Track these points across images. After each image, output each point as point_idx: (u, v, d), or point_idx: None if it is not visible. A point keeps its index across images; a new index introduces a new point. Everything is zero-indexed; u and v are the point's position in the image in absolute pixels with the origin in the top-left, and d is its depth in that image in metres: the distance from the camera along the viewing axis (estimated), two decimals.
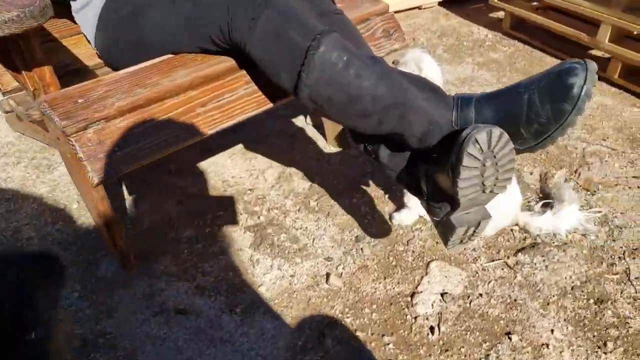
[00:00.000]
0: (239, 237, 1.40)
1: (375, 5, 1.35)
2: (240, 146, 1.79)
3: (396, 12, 2.61)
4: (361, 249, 1.33)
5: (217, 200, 1.54)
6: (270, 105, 1.15)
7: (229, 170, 1.67)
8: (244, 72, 1.13)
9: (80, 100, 0.98)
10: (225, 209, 1.51)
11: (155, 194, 1.60)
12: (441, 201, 0.91)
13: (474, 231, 0.95)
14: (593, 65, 0.84)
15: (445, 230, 0.96)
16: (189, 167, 1.71)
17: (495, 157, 0.79)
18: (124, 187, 1.65)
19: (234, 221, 1.46)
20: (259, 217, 1.46)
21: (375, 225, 1.40)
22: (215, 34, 1.03)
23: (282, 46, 0.94)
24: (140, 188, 1.63)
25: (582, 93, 0.82)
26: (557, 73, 0.85)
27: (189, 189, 1.60)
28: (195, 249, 1.38)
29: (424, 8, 2.69)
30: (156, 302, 1.23)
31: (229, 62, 1.11)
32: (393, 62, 1.30)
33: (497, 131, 0.78)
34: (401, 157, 1.00)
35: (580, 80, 0.82)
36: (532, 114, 0.86)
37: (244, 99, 1.12)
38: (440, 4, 2.73)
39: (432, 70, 1.26)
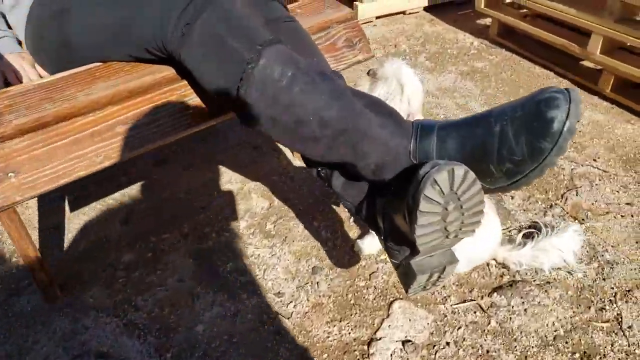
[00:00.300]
0: (182, 265, 1.24)
1: (337, 12, 1.20)
2: (199, 157, 1.63)
3: (379, 17, 2.47)
4: (317, 282, 1.17)
5: (165, 219, 1.38)
6: (210, 123, 0.99)
7: (184, 185, 1.51)
8: (180, 84, 0.97)
9: None
10: (172, 230, 1.34)
11: (99, 211, 1.44)
12: (400, 244, 0.76)
13: (439, 277, 0.80)
14: (577, 96, 0.69)
15: (405, 275, 0.80)
16: (139, 179, 1.55)
17: (459, 199, 0.64)
18: (65, 201, 1.49)
19: (179, 245, 1.30)
20: (207, 241, 1.30)
21: (336, 255, 1.24)
22: (147, 41, 0.87)
23: (219, 57, 0.79)
24: (83, 202, 1.47)
25: (564, 129, 0.67)
26: (535, 103, 0.69)
27: (136, 206, 1.44)
28: (132, 277, 1.21)
29: (409, 13, 2.54)
30: (77, 342, 1.07)
31: (162, 73, 0.95)
32: (369, 73, 1.15)
33: (460, 170, 0.63)
34: (358, 188, 0.85)
35: (561, 114, 0.66)
36: (504, 150, 0.70)
37: (177, 116, 0.96)
38: (426, 9, 2.59)
39: (413, 86, 1.11)
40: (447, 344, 1.00)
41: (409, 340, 1.01)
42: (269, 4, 0.97)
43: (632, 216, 1.29)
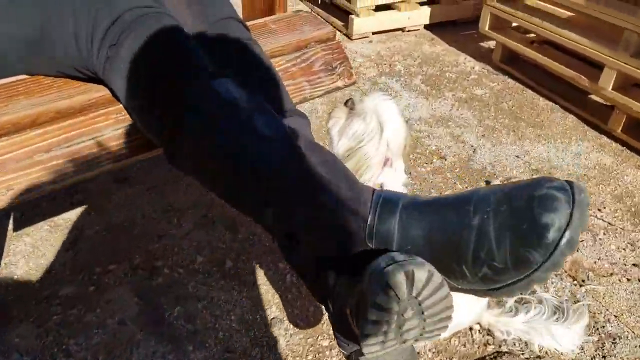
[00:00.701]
0: (126, 304, 1.09)
1: (316, 30, 1.05)
2: (165, 177, 1.49)
3: (376, 33, 2.33)
4: (275, 338, 1.02)
5: (116, 246, 1.24)
6: (149, 153, 0.84)
7: (144, 207, 1.36)
8: (118, 107, 0.83)
9: None
10: (121, 260, 1.20)
11: (46, 232, 1.29)
12: (348, 338, 0.61)
13: None
14: (584, 198, 0.51)
15: None
16: (96, 197, 1.40)
17: (420, 304, 0.48)
18: (10, 219, 1.34)
19: (125, 280, 1.15)
20: (157, 278, 1.15)
21: (300, 305, 1.09)
22: (67, 58, 0.73)
23: (149, 85, 0.66)
24: (29, 222, 1.33)
25: (562, 242, 0.49)
26: (527, 199, 0.52)
27: (87, 229, 1.29)
28: (68, 315, 1.07)
29: (408, 31, 2.40)
30: None
31: (97, 92, 0.81)
32: (346, 103, 1.00)
33: (422, 273, 0.47)
34: (303, 255, 0.69)
35: (560, 221, 0.49)
36: (481, 252, 0.52)
37: (113, 143, 0.81)
38: (426, 27, 2.45)
39: (395, 126, 0.96)
40: None
41: None
42: (225, 23, 0.83)
43: (639, 280, 1.14)
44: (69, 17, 0.68)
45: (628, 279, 1.14)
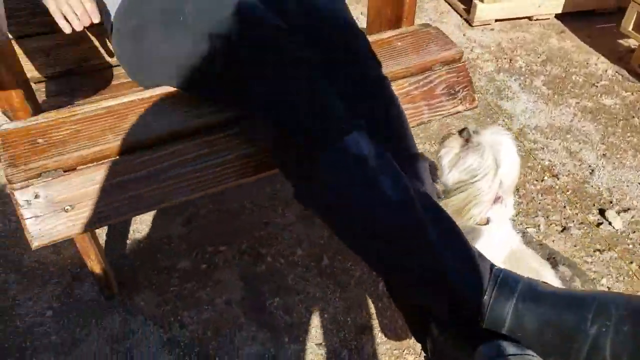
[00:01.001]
0: (233, 287, 1.22)
1: (444, 50, 1.03)
2: None
3: (498, 20, 2.17)
4: (362, 344, 1.09)
5: (225, 229, 1.36)
6: (271, 172, 0.91)
7: (254, 193, 1.47)
8: (233, 131, 0.90)
9: (40, 141, 0.81)
10: (229, 242, 1.32)
11: (164, 207, 1.45)
12: None
13: None
14: None
15: None
16: None
17: None
18: None
19: (233, 263, 1.27)
20: (261, 265, 1.26)
21: (389, 315, 1.14)
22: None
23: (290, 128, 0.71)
24: None
25: None
26: None
27: (201, 208, 1.43)
28: (183, 289, 1.22)
29: (536, 20, 2.20)
30: (123, 347, 1.10)
31: (224, 114, 0.88)
32: (461, 133, 0.98)
33: None
34: (410, 301, 0.74)
35: None
36: None
37: (237, 162, 0.89)
38: (557, 16, 2.23)
39: (510, 165, 0.94)
40: None
41: None
42: (362, 60, 0.83)
43: None
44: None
45: None
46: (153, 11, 0.87)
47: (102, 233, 1.33)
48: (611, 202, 1.41)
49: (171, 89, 0.92)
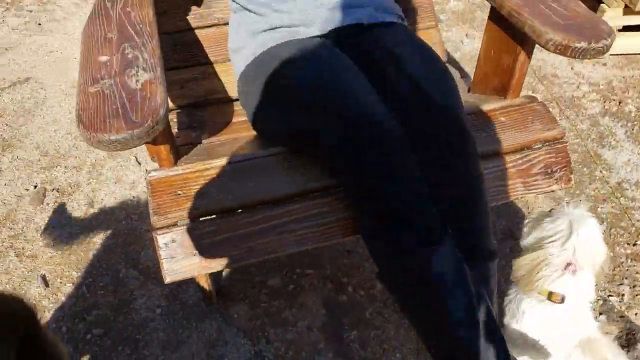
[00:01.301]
0: (316, 313, 1.34)
1: (547, 129, 1.04)
2: None
3: (613, 54, 2.05)
4: None
5: (311, 252, 1.48)
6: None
7: None
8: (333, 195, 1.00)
9: (180, 193, 0.96)
10: (315, 267, 1.45)
11: None
12: None
13: None
14: None
15: None
16: None
17: None
18: None
19: (318, 288, 1.40)
20: (343, 294, 1.38)
21: None
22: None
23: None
24: None
25: None
26: None
27: None
28: (272, 305, 1.36)
29: None
30: (217, 354, 1.27)
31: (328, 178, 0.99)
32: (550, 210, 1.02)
33: None
34: None
35: None
36: None
37: (335, 225, 0.99)
38: None
39: (585, 235, 0.97)
40: None
41: None
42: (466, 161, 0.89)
43: None
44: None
45: None
46: (275, 89, 0.99)
47: None
48: None
49: (280, 150, 1.04)
